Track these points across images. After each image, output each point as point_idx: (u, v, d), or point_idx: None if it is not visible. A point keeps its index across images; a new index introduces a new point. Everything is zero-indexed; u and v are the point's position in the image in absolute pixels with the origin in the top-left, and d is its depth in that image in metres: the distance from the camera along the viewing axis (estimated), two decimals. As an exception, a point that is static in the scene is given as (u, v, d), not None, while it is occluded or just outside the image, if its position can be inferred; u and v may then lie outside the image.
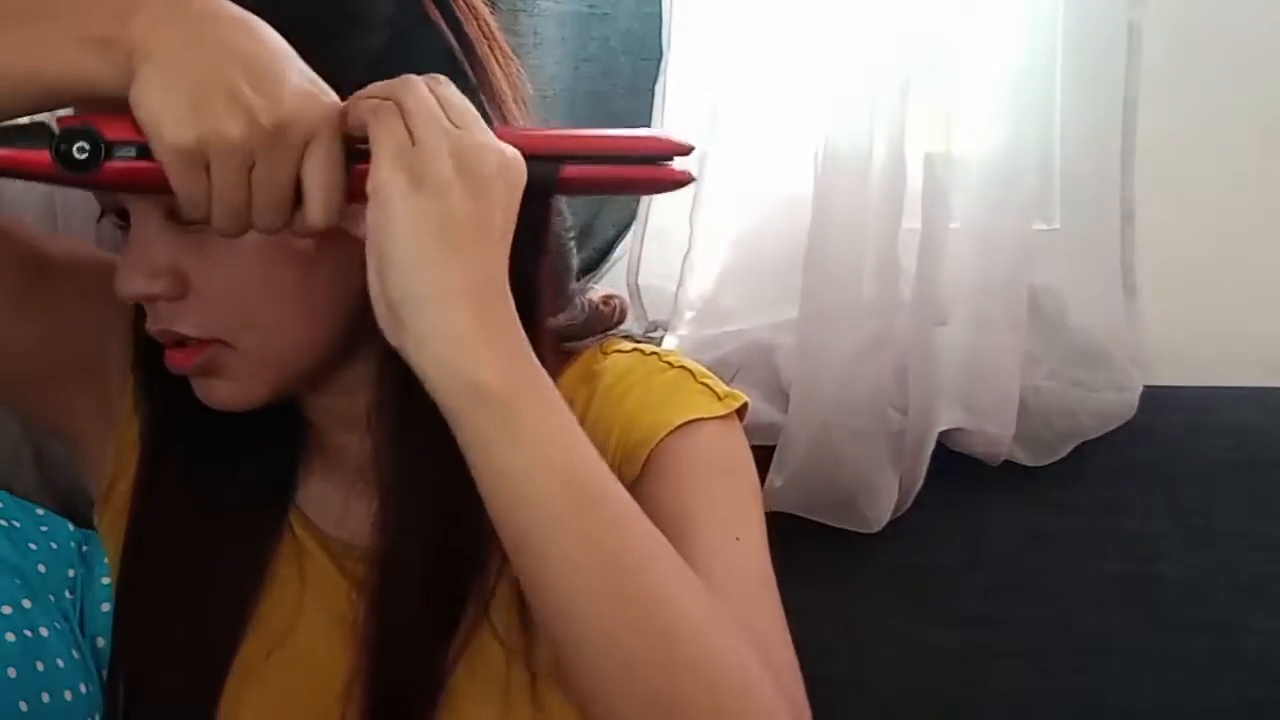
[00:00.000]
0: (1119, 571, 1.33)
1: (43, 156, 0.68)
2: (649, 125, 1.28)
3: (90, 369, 0.88)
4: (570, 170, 0.76)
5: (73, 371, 0.88)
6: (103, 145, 0.67)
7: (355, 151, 0.70)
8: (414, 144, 0.69)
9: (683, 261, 1.31)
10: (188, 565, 0.87)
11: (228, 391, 0.81)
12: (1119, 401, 1.32)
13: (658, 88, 1.27)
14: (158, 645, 0.86)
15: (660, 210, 1.33)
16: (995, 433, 1.29)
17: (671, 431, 0.85)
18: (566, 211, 0.91)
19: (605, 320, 0.94)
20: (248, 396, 0.81)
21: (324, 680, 0.85)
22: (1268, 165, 1.39)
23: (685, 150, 0.79)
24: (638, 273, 1.34)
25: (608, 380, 0.88)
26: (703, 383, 0.89)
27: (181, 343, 0.80)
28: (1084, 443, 1.33)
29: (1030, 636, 1.32)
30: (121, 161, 0.68)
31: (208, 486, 0.87)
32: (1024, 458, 1.32)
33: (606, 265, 1.34)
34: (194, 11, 0.68)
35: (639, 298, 1.35)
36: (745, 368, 1.31)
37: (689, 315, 1.33)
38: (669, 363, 0.90)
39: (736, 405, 0.89)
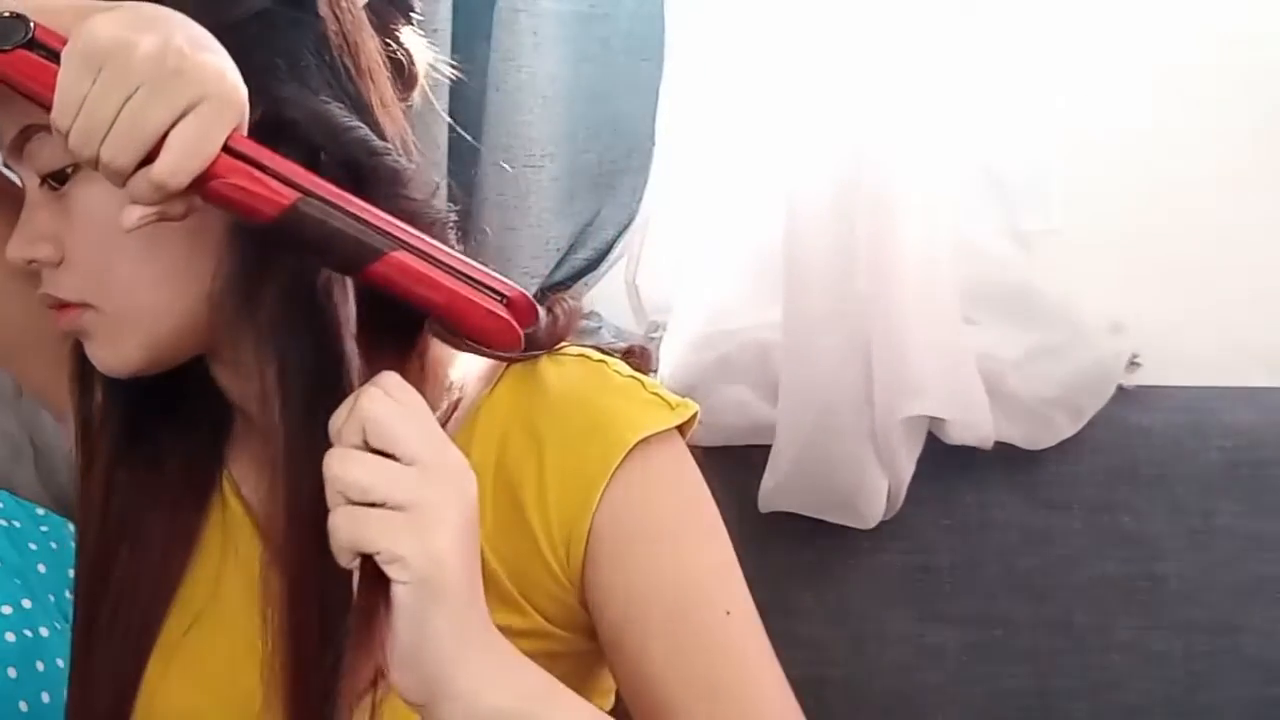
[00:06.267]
0: (1119, 571, 1.32)
1: None
2: (651, 126, 1.28)
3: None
4: (398, 257, 0.74)
5: (54, 342, 0.89)
6: (30, 38, 0.70)
7: (233, 150, 0.71)
8: None
9: (683, 261, 1.31)
10: (118, 545, 0.88)
11: (102, 355, 0.83)
12: (1105, 367, 1.31)
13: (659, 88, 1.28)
14: (91, 628, 0.87)
15: (660, 210, 1.34)
16: (978, 419, 1.28)
17: (627, 454, 0.83)
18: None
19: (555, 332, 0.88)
20: (121, 360, 0.83)
21: (242, 651, 0.84)
22: (1266, 166, 1.39)
23: (519, 302, 0.77)
24: (637, 272, 1.34)
25: (553, 392, 0.85)
26: (653, 392, 0.87)
27: (62, 306, 0.83)
28: (1083, 442, 1.32)
29: (1030, 636, 1.32)
30: (29, 54, 0.70)
31: (137, 462, 0.89)
32: (1020, 440, 1.31)
33: (606, 265, 1.34)
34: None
35: (639, 297, 1.35)
36: (744, 367, 1.31)
37: (688, 315, 1.33)
38: (618, 371, 0.87)
39: (689, 414, 0.86)
